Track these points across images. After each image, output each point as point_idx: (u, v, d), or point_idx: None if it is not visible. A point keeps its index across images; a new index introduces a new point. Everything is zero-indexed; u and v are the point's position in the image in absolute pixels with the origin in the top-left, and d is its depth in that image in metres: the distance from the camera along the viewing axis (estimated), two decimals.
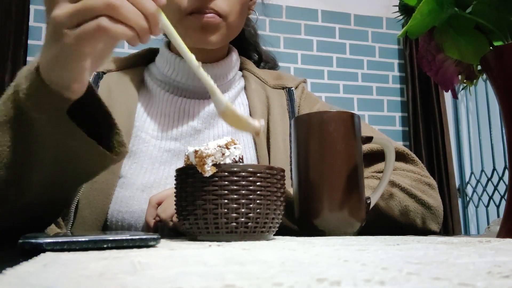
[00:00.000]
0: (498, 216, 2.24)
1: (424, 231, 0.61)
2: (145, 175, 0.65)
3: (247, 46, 0.86)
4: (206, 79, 0.40)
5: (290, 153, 0.72)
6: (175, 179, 0.42)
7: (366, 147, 0.65)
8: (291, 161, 0.71)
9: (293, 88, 0.79)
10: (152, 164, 0.66)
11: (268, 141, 0.72)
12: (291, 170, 0.70)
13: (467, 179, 2.50)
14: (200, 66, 0.40)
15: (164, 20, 0.41)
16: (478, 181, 2.42)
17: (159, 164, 0.67)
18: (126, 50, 2.11)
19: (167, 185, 0.63)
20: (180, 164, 0.58)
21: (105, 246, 0.29)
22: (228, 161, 0.39)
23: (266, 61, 0.89)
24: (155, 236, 0.31)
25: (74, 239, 0.28)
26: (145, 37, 0.40)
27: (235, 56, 0.76)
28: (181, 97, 0.72)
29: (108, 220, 0.62)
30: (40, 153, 0.44)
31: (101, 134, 0.46)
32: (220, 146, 0.39)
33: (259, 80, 0.80)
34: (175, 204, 0.41)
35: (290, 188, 0.56)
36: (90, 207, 0.62)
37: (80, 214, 0.62)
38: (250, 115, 0.74)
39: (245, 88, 0.79)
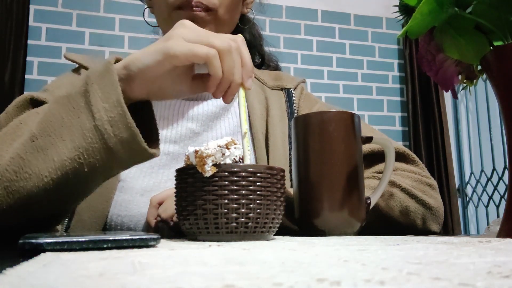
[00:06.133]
0: (498, 216, 2.24)
1: (425, 231, 0.60)
2: (145, 178, 0.65)
3: (250, 49, 0.86)
4: (244, 148, 0.44)
5: (290, 154, 0.72)
6: (175, 179, 0.42)
7: (367, 147, 0.65)
8: (290, 162, 0.71)
9: (292, 89, 0.79)
10: (151, 167, 0.66)
11: (267, 142, 0.71)
12: (290, 172, 0.69)
13: (466, 179, 2.50)
14: (246, 135, 0.45)
15: (240, 95, 0.47)
16: (477, 181, 2.42)
17: (158, 167, 0.66)
18: (126, 50, 2.11)
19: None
20: (179, 167, 0.58)
21: (105, 246, 0.29)
22: (228, 161, 0.39)
23: (268, 64, 0.89)
24: (155, 236, 0.31)
25: (74, 239, 0.28)
26: (220, 92, 0.47)
27: None
28: (179, 99, 0.72)
29: (108, 224, 0.62)
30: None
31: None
32: (220, 146, 0.39)
33: (258, 81, 0.80)
34: (175, 204, 0.41)
35: (290, 189, 0.56)
36: (90, 210, 0.62)
37: (78, 217, 0.62)
38: (249, 116, 0.74)
39: None
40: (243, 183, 0.38)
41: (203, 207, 0.38)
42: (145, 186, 0.64)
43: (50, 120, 0.44)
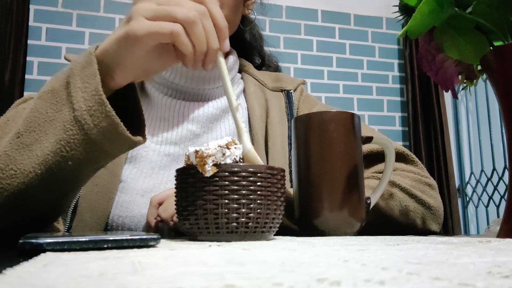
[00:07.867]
0: (498, 216, 2.24)
1: (424, 231, 0.61)
2: (145, 179, 0.65)
3: (250, 50, 0.86)
4: (238, 121, 0.43)
5: (289, 155, 0.72)
6: (176, 179, 0.42)
7: (366, 148, 0.65)
8: (290, 164, 0.71)
9: (291, 91, 0.79)
10: (152, 168, 0.66)
11: (266, 144, 0.71)
12: (290, 173, 0.69)
13: (466, 179, 2.50)
14: (238, 108, 0.43)
15: (221, 61, 0.45)
16: (478, 181, 2.42)
17: (159, 168, 0.67)
18: None
19: None
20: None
21: (105, 246, 0.29)
22: (228, 161, 0.39)
23: (269, 65, 0.89)
24: (155, 236, 0.31)
25: (74, 239, 0.28)
26: (198, 63, 0.44)
27: (232, 59, 0.75)
28: (180, 100, 0.72)
29: (109, 225, 0.63)
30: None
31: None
32: (220, 146, 0.39)
33: (258, 83, 0.79)
34: (176, 204, 0.41)
35: (290, 189, 0.56)
36: (91, 210, 0.62)
37: (80, 217, 0.62)
38: (249, 118, 0.74)
39: (244, 91, 0.78)
40: (244, 183, 0.38)
41: (204, 207, 0.38)
42: (146, 187, 0.64)
43: (35, 115, 0.43)
